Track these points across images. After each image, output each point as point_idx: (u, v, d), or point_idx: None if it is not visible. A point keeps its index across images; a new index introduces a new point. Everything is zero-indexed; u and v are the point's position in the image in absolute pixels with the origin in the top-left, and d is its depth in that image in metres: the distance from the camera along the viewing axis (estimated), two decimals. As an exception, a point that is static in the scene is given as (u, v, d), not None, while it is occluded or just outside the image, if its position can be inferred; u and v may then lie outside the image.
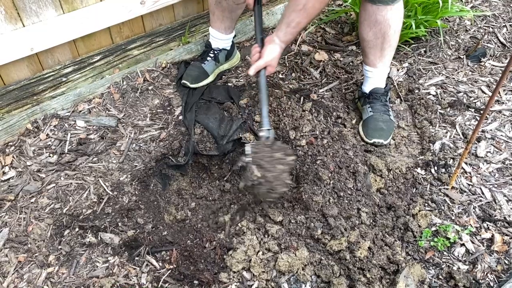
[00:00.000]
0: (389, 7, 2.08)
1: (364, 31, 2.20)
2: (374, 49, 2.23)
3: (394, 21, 2.13)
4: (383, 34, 2.16)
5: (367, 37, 2.20)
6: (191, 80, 2.47)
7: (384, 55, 2.25)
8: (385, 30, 2.14)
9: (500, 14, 3.08)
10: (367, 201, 1.96)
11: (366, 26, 2.18)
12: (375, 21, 2.13)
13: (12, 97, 2.27)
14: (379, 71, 2.31)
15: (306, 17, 1.88)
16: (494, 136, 2.30)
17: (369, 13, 2.13)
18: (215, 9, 2.37)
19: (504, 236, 1.92)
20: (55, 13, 2.20)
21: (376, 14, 2.11)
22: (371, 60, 2.28)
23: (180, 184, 2.33)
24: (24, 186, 2.09)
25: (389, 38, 2.19)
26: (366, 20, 2.16)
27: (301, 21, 1.88)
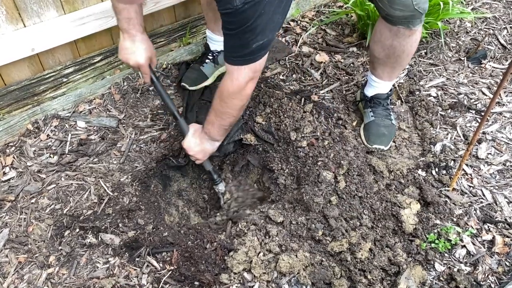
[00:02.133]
0: (409, 33, 1.95)
1: (376, 51, 2.12)
2: (384, 66, 2.17)
3: (410, 46, 2.03)
4: (396, 57, 2.08)
5: (378, 55, 2.12)
6: (190, 82, 2.47)
7: (393, 72, 2.21)
8: (398, 53, 2.06)
9: (501, 16, 3.08)
10: (368, 202, 1.96)
11: (379, 46, 2.08)
12: (390, 45, 2.03)
13: (13, 98, 2.27)
14: (385, 83, 2.27)
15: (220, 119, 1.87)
16: (495, 138, 2.31)
17: (385, 36, 2.02)
18: (208, 11, 2.36)
19: (505, 237, 1.92)
20: (56, 13, 2.20)
21: (393, 39, 2.00)
22: (379, 73, 2.23)
23: (180, 185, 2.33)
24: (24, 186, 2.09)
25: (401, 60, 2.12)
26: (381, 42, 2.05)
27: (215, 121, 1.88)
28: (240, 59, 1.66)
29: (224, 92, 1.76)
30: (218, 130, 1.92)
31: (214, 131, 1.92)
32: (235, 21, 1.53)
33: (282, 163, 2.18)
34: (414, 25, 1.93)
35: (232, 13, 1.49)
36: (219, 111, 1.84)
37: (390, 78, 2.26)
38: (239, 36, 1.57)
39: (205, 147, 1.98)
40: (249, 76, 1.70)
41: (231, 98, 1.77)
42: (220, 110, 1.83)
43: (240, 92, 1.75)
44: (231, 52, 1.67)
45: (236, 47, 1.63)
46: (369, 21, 2.76)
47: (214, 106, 1.86)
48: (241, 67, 1.67)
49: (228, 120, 1.89)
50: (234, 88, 1.73)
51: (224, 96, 1.78)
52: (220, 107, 1.82)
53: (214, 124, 1.90)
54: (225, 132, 1.98)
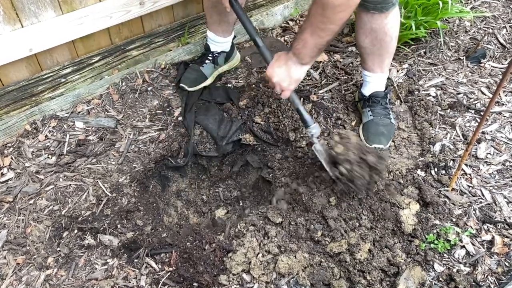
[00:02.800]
0: (384, 15, 2.01)
1: (360, 39, 2.16)
2: (372, 55, 2.20)
3: (390, 28, 2.07)
4: (380, 41, 2.11)
5: (364, 44, 2.16)
6: (189, 83, 2.46)
7: (382, 60, 2.23)
8: (381, 37, 2.09)
9: (500, 15, 3.07)
10: (368, 203, 1.95)
11: (361, 34, 2.12)
12: (370, 29, 2.08)
13: (11, 98, 2.26)
14: (378, 76, 2.29)
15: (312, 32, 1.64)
16: (494, 138, 2.30)
17: (363, 21, 2.07)
18: (212, 12, 2.35)
19: (504, 238, 1.91)
20: (54, 13, 2.19)
21: (371, 22, 2.05)
22: (369, 66, 2.26)
23: (179, 186, 2.32)
24: (22, 187, 2.08)
25: (386, 45, 2.15)
26: (362, 28, 2.10)
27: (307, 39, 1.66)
28: None
29: (329, 4, 1.51)
30: (312, 50, 1.68)
31: (306, 51, 1.68)
32: None
33: (281, 163, 2.18)
34: (387, 9, 1.97)
35: None
36: (319, 27, 1.59)
37: (381, 69, 2.26)
38: None
39: (292, 72, 1.74)
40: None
41: (337, 11, 1.54)
42: (319, 27, 1.59)
43: (349, 2, 1.54)
44: None
45: None
46: (368, 20, 2.75)
47: (311, 23, 1.61)
48: None
49: (327, 38, 1.64)
50: None
51: (328, 10, 1.53)
52: (321, 23, 1.58)
53: (307, 43, 1.66)
54: (318, 53, 1.73)
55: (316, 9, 1.57)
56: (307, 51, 1.67)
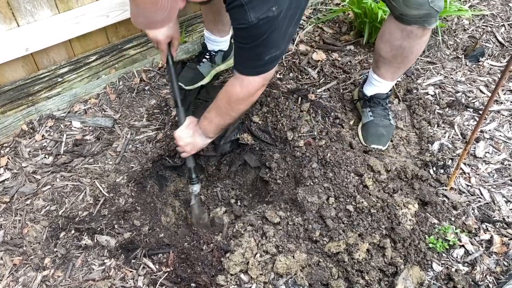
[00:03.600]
0: (422, 33, 1.92)
1: (383, 49, 2.07)
2: (389, 66, 2.14)
3: (419, 48, 2.01)
4: (404, 58, 2.05)
5: (385, 55, 2.08)
6: (186, 82, 2.45)
7: (397, 72, 2.19)
8: (406, 55, 2.03)
9: (499, 14, 3.07)
10: (367, 203, 1.94)
11: (387, 46, 2.04)
12: (399, 46, 1.99)
13: (7, 98, 2.25)
14: (387, 83, 2.25)
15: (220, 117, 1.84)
16: (492, 137, 2.29)
17: (395, 37, 1.98)
18: (207, 12, 2.34)
19: (503, 237, 1.91)
20: (50, 12, 2.18)
21: (403, 40, 1.96)
22: (382, 73, 2.20)
23: (177, 186, 2.31)
24: (19, 187, 2.07)
25: (408, 61, 2.09)
26: (390, 42, 2.01)
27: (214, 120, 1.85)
28: (252, 71, 1.66)
29: (233, 96, 1.74)
30: (215, 128, 1.90)
31: (210, 128, 1.89)
32: (249, 36, 1.53)
33: (279, 163, 2.17)
34: (430, 24, 1.88)
35: (246, 28, 1.48)
36: (222, 112, 1.82)
37: (392, 78, 2.23)
38: (252, 50, 1.57)
39: (196, 141, 1.94)
40: (260, 85, 1.71)
41: (238, 103, 1.76)
42: (223, 111, 1.81)
43: (249, 99, 1.76)
44: (243, 64, 1.67)
45: (249, 60, 1.64)
46: (366, 19, 2.74)
47: (217, 106, 1.82)
48: (253, 77, 1.67)
49: (228, 121, 1.87)
50: (244, 94, 1.72)
51: (232, 100, 1.76)
52: (225, 109, 1.80)
53: (212, 122, 1.87)
54: (219, 132, 1.96)
55: (223, 96, 1.78)
56: (212, 128, 1.89)
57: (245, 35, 1.54)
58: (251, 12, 1.42)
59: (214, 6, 2.25)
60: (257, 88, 1.72)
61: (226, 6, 1.51)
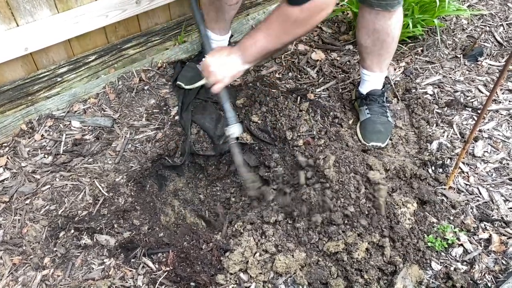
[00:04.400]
0: (388, 15, 2.01)
1: (362, 38, 2.16)
2: (372, 55, 2.20)
3: (393, 29, 2.08)
4: (382, 42, 2.12)
5: (365, 43, 2.17)
6: (186, 81, 2.46)
7: (382, 60, 2.23)
8: (383, 38, 2.10)
9: (497, 13, 3.07)
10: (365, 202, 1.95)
11: (364, 33, 2.13)
12: (373, 29, 2.08)
13: (6, 98, 2.25)
14: (376, 75, 2.29)
15: (271, 43, 1.62)
16: (491, 136, 2.30)
17: (367, 20, 2.07)
18: (209, 10, 2.34)
19: (501, 236, 1.91)
20: (50, 12, 2.18)
21: (374, 22, 2.05)
22: (368, 64, 2.26)
23: (176, 185, 2.31)
24: (18, 187, 2.07)
25: (387, 46, 2.15)
26: (364, 27, 2.11)
27: (266, 45, 1.63)
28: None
29: (291, 18, 1.51)
30: (260, 52, 1.64)
31: (253, 50, 1.64)
32: None
33: (279, 162, 2.17)
34: (392, 7, 1.96)
35: None
36: (273, 34, 1.59)
37: (380, 69, 2.26)
38: None
39: (232, 66, 1.67)
40: (324, 3, 1.50)
41: (296, 26, 1.55)
42: (274, 34, 1.59)
43: (309, 21, 1.54)
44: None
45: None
46: (365, 18, 2.75)
47: (268, 27, 1.59)
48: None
49: (275, 46, 1.64)
50: (304, 16, 1.50)
51: (288, 22, 1.54)
52: (278, 31, 1.58)
53: (257, 43, 1.62)
54: (262, 58, 1.72)
55: (277, 16, 1.56)
56: (255, 51, 1.64)
57: None
58: None
59: (217, 2, 2.26)
60: (320, 7, 1.50)
61: None
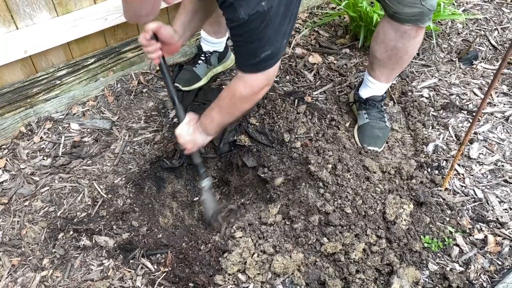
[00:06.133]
0: (415, 34, 1.96)
1: (378, 51, 2.11)
2: (384, 68, 2.17)
3: (413, 48, 2.05)
4: (398, 58, 2.09)
5: (380, 56, 2.12)
6: (183, 83, 2.48)
7: (392, 74, 2.22)
8: (401, 55, 2.07)
9: (492, 18, 3.11)
10: (362, 203, 1.97)
11: (382, 47, 2.08)
12: (393, 46, 2.04)
13: (6, 100, 2.26)
14: (382, 85, 2.28)
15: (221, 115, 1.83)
16: (486, 138, 2.33)
17: (389, 37, 2.02)
18: None
19: (496, 237, 1.94)
20: (49, 15, 2.19)
21: (397, 40, 2.00)
22: (377, 75, 2.23)
23: (174, 187, 2.32)
24: (17, 189, 2.08)
25: (402, 62, 2.13)
26: (384, 43, 2.06)
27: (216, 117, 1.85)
28: (250, 68, 1.67)
29: (237, 95, 1.74)
30: (216, 126, 1.89)
31: (211, 126, 1.89)
32: (242, 33, 1.56)
33: (276, 164, 2.19)
34: (423, 23, 1.93)
35: (239, 25, 1.52)
36: (225, 110, 1.81)
37: (387, 80, 2.26)
38: (247, 46, 1.60)
39: (197, 138, 1.93)
40: (263, 83, 1.71)
41: (242, 102, 1.76)
42: (226, 110, 1.81)
43: (253, 97, 1.76)
44: (242, 60, 1.69)
45: (245, 56, 1.66)
46: (362, 22, 2.78)
47: (220, 105, 1.82)
48: (255, 74, 1.68)
49: (229, 120, 1.87)
50: (247, 93, 1.72)
51: (235, 99, 1.76)
52: (228, 107, 1.80)
53: (213, 120, 1.86)
54: (220, 130, 1.96)
55: (226, 95, 1.78)
56: (213, 126, 1.89)
57: (238, 32, 1.57)
58: (241, 9, 1.47)
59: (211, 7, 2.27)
60: (260, 86, 1.72)
61: (219, 6, 1.55)
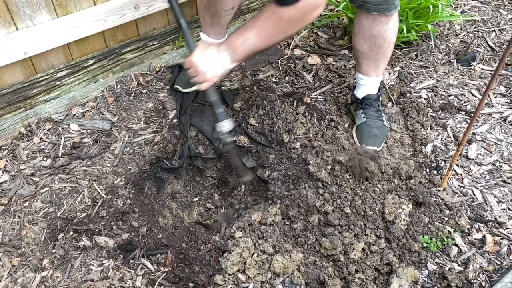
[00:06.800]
0: (385, 20, 2.03)
1: (358, 43, 2.18)
2: (368, 60, 2.22)
3: (389, 34, 2.11)
4: (378, 47, 2.14)
5: (361, 48, 2.18)
6: (183, 84, 2.48)
7: (378, 65, 2.25)
8: (380, 43, 2.12)
9: (489, 19, 3.13)
10: (361, 203, 1.98)
11: (360, 38, 2.15)
12: (370, 34, 2.10)
13: (5, 101, 2.26)
14: (372, 80, 2.31)
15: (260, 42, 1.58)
16: (484, 139, 2.34)
17: (363, 26, 2.09)
18: (205, 14, 2.37)
19: (495, 236, 1.95)
20: (49, 17, 2.20)
21: (371, 28, 2.07)
22: (365, 69, 2.28)
23: (174, 188, 2.33)
24: (17, 190, 2.08)
25: (384, 50, 2.17)
26: (361, 33, 2.13)
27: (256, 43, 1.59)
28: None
29: (285, 18, 1.50)
30: (249, 50, 1.60)
31: (243, 48, 1.59)
32: None
33: (276, 165, 2.19)
34: (389, 11, 1.99)
35: None
36: (266, 33, 1.56)
37: (376, 73, 2.29)
38: None
39: (221, 65, 1.62)
40: (317, 2, 1.50)
41: (290, 24, 1.54)
42: (267, 33, 1.56)
43: (304, 19, 1.52)
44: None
45: None
46: (360, 24, 2.79)
47: (260, 26, 1.55)
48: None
49: (267, 45, 1.61)
50: (300, 14, 1.50)
51: (282, 21, 1.51)
52: (270, 29, 1.55)
53: (247, 41, 1.58)
54: (251, 56, 1.68)
55: (270, 15, 1.53)
56: (245, 48, 1.59)
57: None
58: None
59: (212, 8, 2.29)
60: (315, 5, 1.50)
61: None
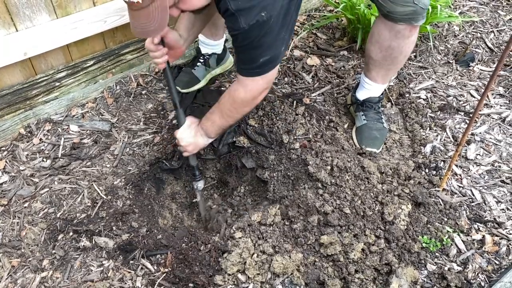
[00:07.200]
0: (409, 33, 1.98)
1: (373, 51, 2.13)
2: (379, 68, 2.19)
3: (407, 48, 2.07)
4: (393, 58, 2.11)
5: (375, 57, 2.14)
6: (182, 85, 2.49)
7: (388, 74, 2.24)
8: (396, 55, 2.09)
9: (488, 20, 3.14)
10: (361, 203, 1.98)
11: (377, 48, 2.10)
12: (388, 46, 2.05)
13: (5, 102, 2.26)
14: (378, 86, 2.29)
15: (222, 118, 1.89)
16: (483, 139, 2.35)
17: (384, 37, 2.04)
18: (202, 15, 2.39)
19: (494, 236, 1.95)
20: (49, 18, 2.20)
21: (391, 40, 2.02)
22: (373, 76, 2.25)
23: (174, 188, 2.33)
24: (17, 190, 2.09)
25: (397, 62, 2.14)
26: (379, 43, 2.08)
27: (217, 120, 1.90)
28: (251, 72, 1.74)
29: (237, 100, 1.81)
30: (217, 129, 1.95)
31: (212, 129, 1.95)
32: (243, 40, 1.63)
33: (275, 165, 2.20)
34: (416, 21, 1.95)
35: (240, 34, 1.59)
36: (226, 114, 1.88)
37: (383, 81, 2.28)
38: (247, 53, 1.68)
39: (198, 141, 1.99)
40: (262, 87, 1.78)
41: (243, 105, 1.84)
42: (227, 114, 1.88)
43: (253, 101, 1.83)
44: (242, 65, 1.76)
45: (246, 61, 1.73)
46: (359, 25, 2.80)
47: (221, 108, 1.88)
48: (254, 78, 1.74)
49: (230, 123, 1.93)
50: (248, 97, 1.79)
51: (237, 103, 1.83)
52: (229, 111, 1.86)
53: (214, 123, 1.92)
54: (221, 132, 2.02)
55: (227, 99, 1.85)
56: (214, 129, 1.95)
57: (239, 40, 1.64)
58: (241, 19, 1.54)
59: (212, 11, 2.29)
60: (260, 90, 1.79)
61: (222, 15, 1.62)
